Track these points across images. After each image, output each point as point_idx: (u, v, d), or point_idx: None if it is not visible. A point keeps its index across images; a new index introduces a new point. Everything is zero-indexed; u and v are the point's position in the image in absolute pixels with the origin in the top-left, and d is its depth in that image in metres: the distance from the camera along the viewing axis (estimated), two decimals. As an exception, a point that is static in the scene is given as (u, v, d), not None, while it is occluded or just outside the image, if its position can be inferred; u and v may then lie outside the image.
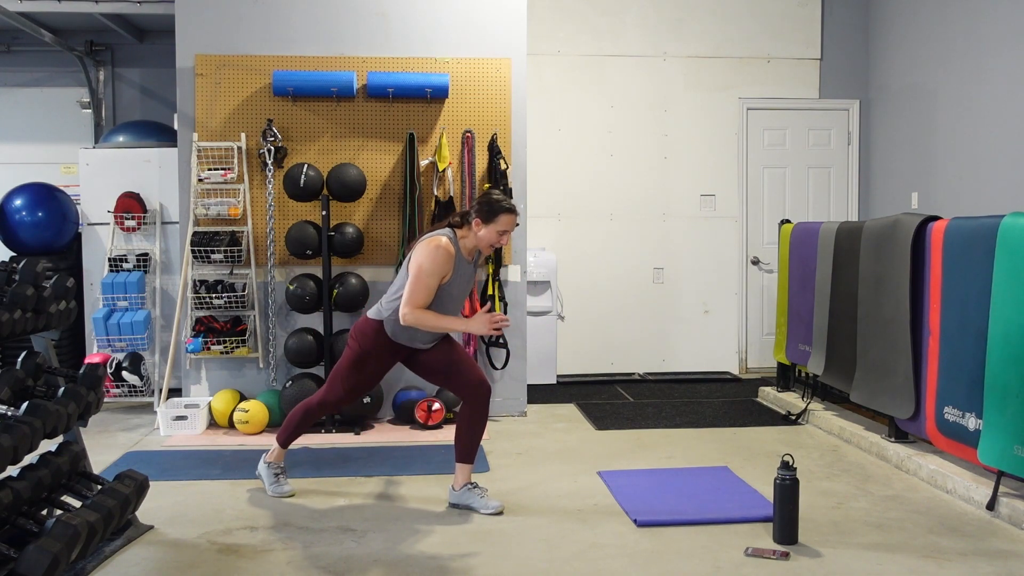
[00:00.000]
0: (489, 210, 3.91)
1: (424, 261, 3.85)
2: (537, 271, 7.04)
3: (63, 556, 2.81)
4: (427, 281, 3.85)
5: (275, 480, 4.30)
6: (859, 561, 3.44)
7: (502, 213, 3.91)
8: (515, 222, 3.97)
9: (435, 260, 3.85)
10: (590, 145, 7.55)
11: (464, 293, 4.06)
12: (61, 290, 3.70)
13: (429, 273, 3.84)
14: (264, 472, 4.34)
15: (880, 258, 4.94)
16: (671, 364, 7.67)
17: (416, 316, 3.84)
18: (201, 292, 5.74)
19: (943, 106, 6.73)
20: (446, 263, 3.87)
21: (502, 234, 3.94)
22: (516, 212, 3.97)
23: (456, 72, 5.93)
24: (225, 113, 5.82)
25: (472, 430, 4.06)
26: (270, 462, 4.34)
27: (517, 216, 3.98)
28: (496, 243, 3.97)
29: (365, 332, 4.05)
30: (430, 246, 3.87)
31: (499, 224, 3.91)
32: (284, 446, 4.33)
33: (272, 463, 4.33)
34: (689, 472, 4.64)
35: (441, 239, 3.89)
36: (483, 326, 3.86)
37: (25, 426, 3.05)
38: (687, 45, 7.60)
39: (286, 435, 4.30)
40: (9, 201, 6.45)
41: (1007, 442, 3.72)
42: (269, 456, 4.35)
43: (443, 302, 3.94)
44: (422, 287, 3.85)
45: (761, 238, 7.78)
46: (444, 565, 3.42)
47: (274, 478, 4.31)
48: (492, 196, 3.97)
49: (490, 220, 3.91)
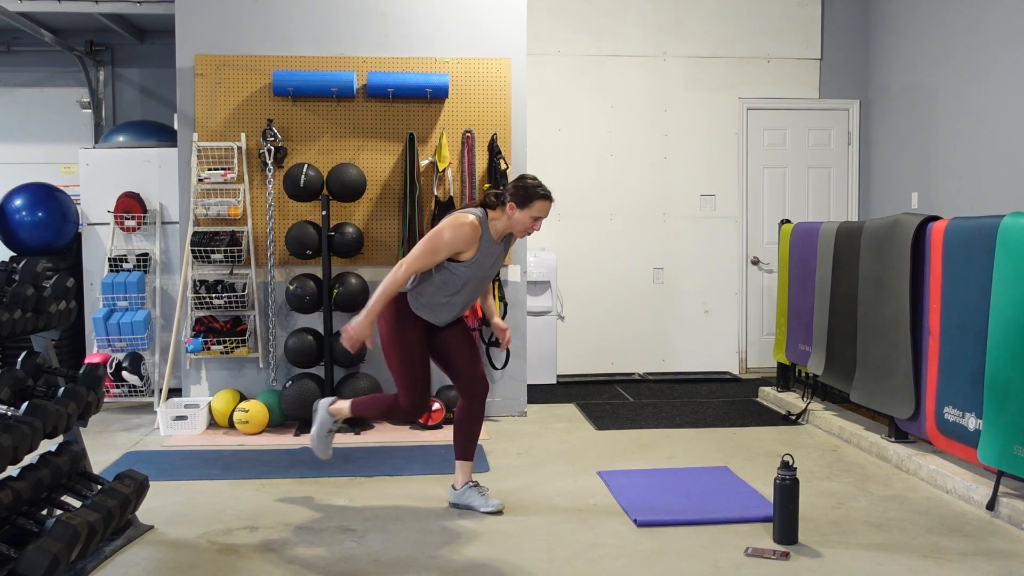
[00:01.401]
0: (524, 195, 3.84)
1: (445, 231, 3.79)
2: (537, 271, 7.04)
3: (63, 556, 2.80)
4: (438, 247, 3.79)
5: (326, 435, 4.15)
6: (859, 561, 3.44)
7: (537, 199, 3.85)
8: (550, 208, 3.90)
9: (455, 234, 3.79)
10: (590, 145, 7.55)
11: (490, 275, 4.01)
12: (61, 290, 3.70)
13: (444, 243, 3.79)
14: (323, 415, 4.15)
15: (880, 258, 4.94)
16: (671, 364, 7.67)
17: (398, 275, 3.77)
18: (201, 292, 5.74)
19: (943, 106, 6.73)
20: (466, 241, 3.81)
21: (536, 220, 3.87)
22: (551, 198, 3.89)
23: (456, 72, 5.93)
24: (225, 113, 5.82)
25: (469, 426, 4.06)
26: (333, 412, 4.15)
27: (552, 202, 3.90)
28: (530, 229, 3.90)
29: (390, 306, 3.92)
30: (456, 222, 3.82)
31: (534, 210, 3.85)
32: (352, 413, 4.14)
33: (335, 415, 4.15)
34: (689, 472, 4.64)
35: (469, 216, 3.84)
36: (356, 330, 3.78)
37: (25, 426, 3.05)
38: (687, 45, 7.60)
39: (362, 411, 4.14)
40: (9, 201, 6.45)
41: (1007, 442, 3.72)
42: (334, 407, 4.16)
43: (470, 282, 3.90)
44: (431, 250, 3.79)
45: (761, 238, 7.78)
46: (444, 565, 3.42)
47: (326, 432, 4.15)
48: (527, 181, 3.89)
49: (525, 205, 3.84)
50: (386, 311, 3.95)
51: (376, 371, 5.81)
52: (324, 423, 4.17)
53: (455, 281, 3.88)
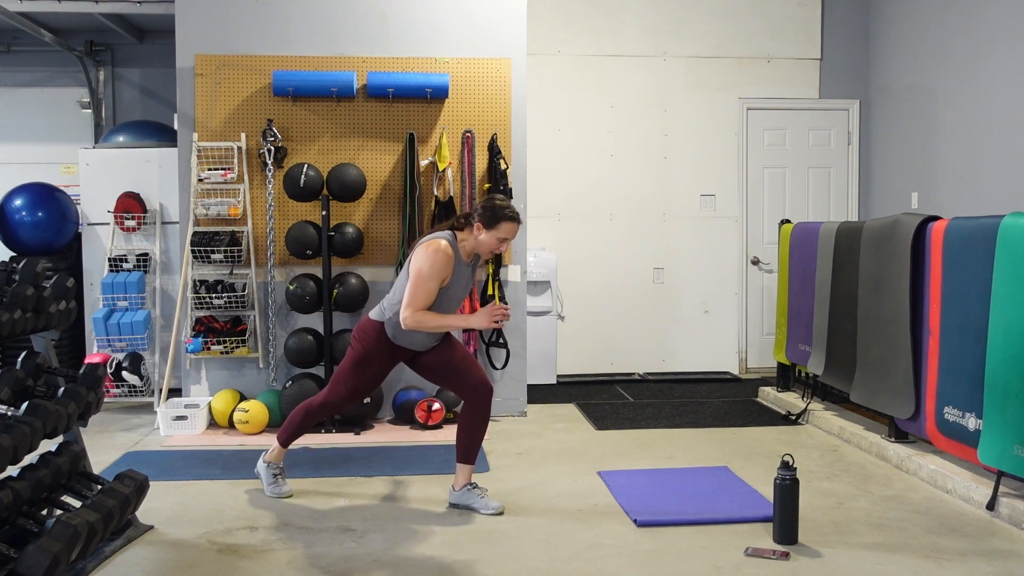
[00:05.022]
0: (492, 216, 3.88)
1: (424, 265, 3.84)
2: (537, 271, 7.04)
3: (63, 556, 2.80)
4: (427, 285, 3.84)
5: (273, 480, 4.29)
6: (859, 561, 3.44)
7: (504, 220, 3.88)
8: (516, 230, 3.93)
9: (434, 264, 3.83)
10: (590, 145, 7.55)
11: (462, 296, 4.06)
12: (61, 290, 3.70)
13: (429, 277, 3.83)
14: (263, 471, 4.33)
15: (880, 258, 4.94)
16: (671, 364, 7.67)
17: (417, 319, 3.84)
18: (201, 292, 5.74)
19: (943, 106, 6.73)
20: (445, 266, 3.86)
21: (502, 241, 3.91)
22: (518, 220, 3.93)
23: (456, 72, 5.93)
24: (225, 113, 5.82)
25: (473, 431, 4.06)
26: (269, 462, 4.32)
27: (519, 224, 3.93)
28: (496, 249, 3.95)
29: (367, 333, 4.05)
30: (429, 249, 3.86)
31: (500, 231, 3.88)
32: (284, 446, 4.32)
33: (271, 463, 4.32)
34: (689, 472, 4.64)
35: (440, 242, 3.87)
36: (484, 319, 3.86)
37: (25, 426, 3.05)
38: (687, 45, 7.60)
39: (287, 435, 4.29)
40: (9, 201, 6.45)
41: (1007, 442, 3.72)
42: (268, 455, 4.34)
43: (441, 305, 3.94)
44: (422, 291, 3.84)
45: (761, 238, 7.78)
46: (444, 565, 3.42)
47: (272, 478, 4.30)
48: (496, 202, 3.93)
49: (492, 226, 3.88)
50: (365, 335, 4.05)
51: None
52: (267, 475, 4.32)
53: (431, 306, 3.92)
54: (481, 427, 4.07)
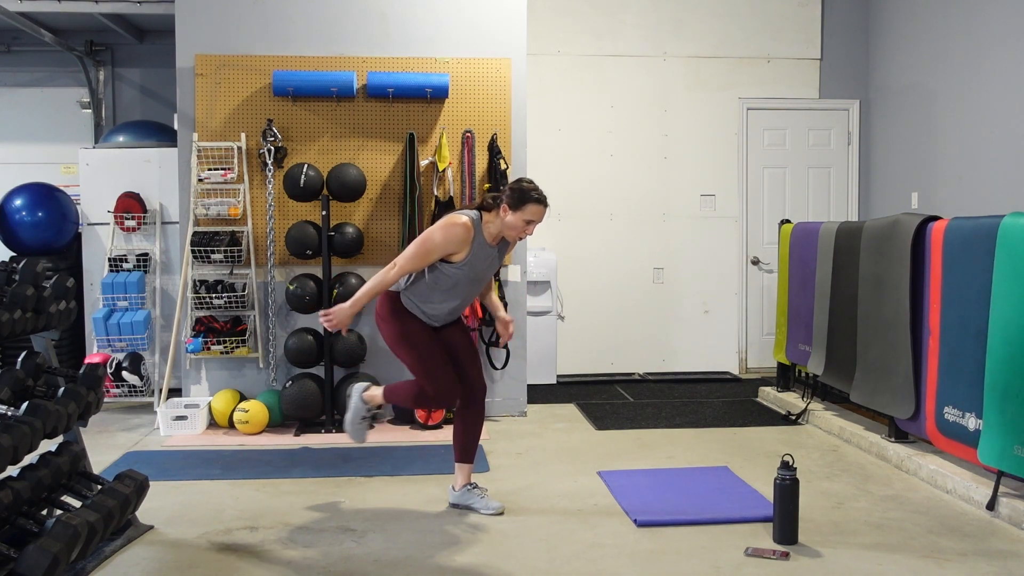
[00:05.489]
0: (518, 198, 3.83)
1: (437, 232, 3.80)
2: (537, 271, 7.04)
3: (63, 556, 2.81)
4: (430, 249, 3.79)
5: (360, 421, 4.12)
6: (859, 561, 3.44)
7: (530, 202, 3.83)
8: (543, 213, 3.88)
9: (447, 235, 3.78)
10: (590, 145, 7.55)
11: (484, 278, 4.00)
12: (61, 290, 3.70)
13: (436, 245, 3.78)
14: (355, 403, 4.13)
15: (880, 258, 4.94)
16: (671, 364, 7.67)
17: (389, 275, 3.78)
18: (201, 292, 5.74)
19: (943, 106, 6.73)
20: (459, 242, 3.80)
21: (528, 223, 3.85)
22: (546, 203, 3.88)
23: (456, 72, 5.93)
24: (225, 113, 5.82)
25: (469, 430, 4.05)
26: (366, 399, 4.13)
27: (546, 207, 3.89)
28: (522, 232, 3.88)
29: (385, 305, 3.94)
30: (448, 222, 3.82)
31: (526, 213, 3.83)
32: (384, 400, 4.12)
33: (368, 400, 4.13)
34: (689, 472, 4.64)
35: (462, 217, 3.84)
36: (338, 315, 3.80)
37: (25, 426, 3.05)
38: (687, 45, 7.60)
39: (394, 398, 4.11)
40: (9, 201, 6.45)
41: (1007, 442, 3.72)
42: (368, 393, 4.13)
43: (459, 283, 3.89)
44: (423, 252, 3.79)
45: (761, 238, 7.78)
46: (444, 565, 3.42)
47: (360, 420, 4.13)
48: (523, 184, 3.89)
49: (518, 208, 3.83)
50: (384, 312, 3.95)
51: (376, 371, 5.81)
52: (358, 410, 4.14)
53: (446, 281, 3.87)
54: (476, 425, 4.06)
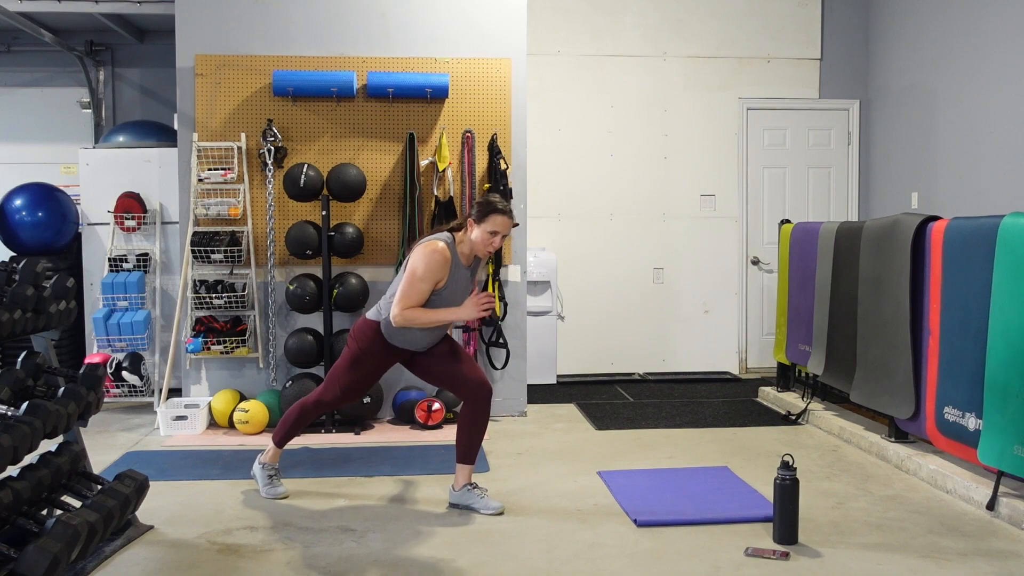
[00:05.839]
0: (482, 211, 3.91)
1: (419, 265, 3.85)
2: (537, 271, 7.04)
3: (63, 556, 2.80)
4: (419, 286, 3.86)
5: (268, 482, 4.28)
6: (859, 561, 3.44)
7: (493, 213, 3.89)
8: (509, 225, 3.93)
9: (429, 265, 3.84)
10: (590, 145, 7.55)
11: (461, 299, 4.03)
12: (61, 290, 3.70)
13: (422, 278, 3.85)
14: (258, 473, 4.31)
15: (880, 258, 4.94)
16: (671, 364, 7.67)
17: (406, 316, 3.86)
18: (201, 292, 5.74)
19: (943, 106, 6.73)
20: (441, 269, 3.87)
21: (493, 235, 3.91)
22: (509, 214, 3.93)
23: (456, 72, 5.93)
24: (225, 113, 5.82)
25: (473, 431, 4.06)
26: (264, 463, 4.31)
27: (511, 220, 3.94)
28: (488, 244, 3.93)
29: (364, 332, 4.06)
30: (426, 250, 3.87)
31: (489, 224, 3.89)
32: (280, 446, 4.31)
33: (267, 464, 4.30)
34: (689, 472, 4.64)
35: (438, 243, 3.89)
36: (472, 310, 3.88)
37: (25, 426, 3.05)
38: (687, 45, 7.60)
39: (281, 434, 4.27)
40: (9, 201, 6.45)
41: (1007, 442, 3.72)
42: (264, 456, 4.33)
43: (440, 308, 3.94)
44: (414, 292, 3.86)
45: (761, 238, 7.78)
46: (444, 565, 3.42)
47: (268, 479, 4.28)
48: (489, 197, 3.99)
49: (482, 220, 3.90)
50: (361, 337, 4.05)
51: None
52: (262, 476, 4.30)
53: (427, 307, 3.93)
54: (480, 427, 4.07)
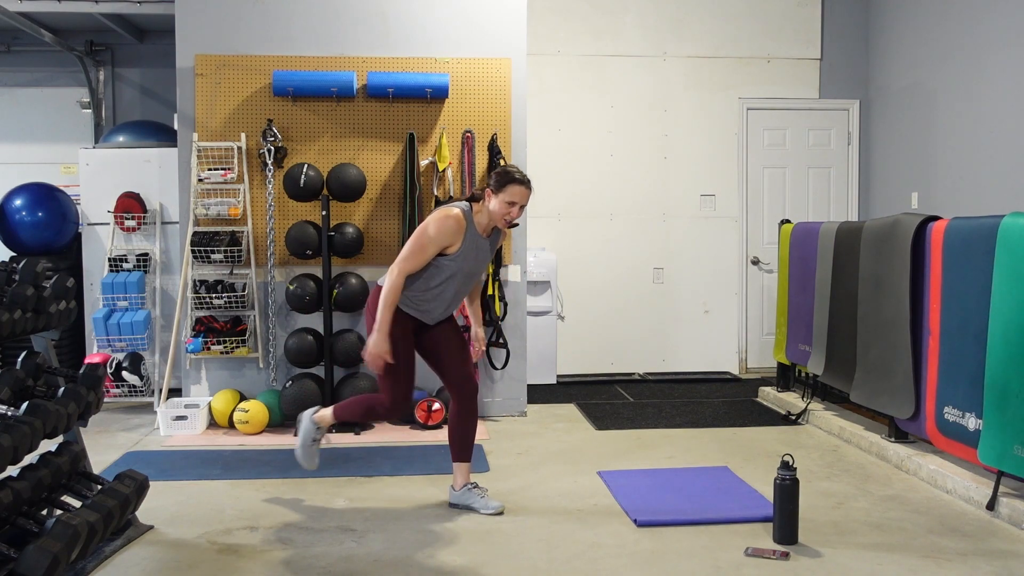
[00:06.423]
0: (500, 180, 3.87)
1: (430, 225, 3.82)
2: (537, 271, 7.04)
3: (63, 556, 2.80)
4: (425, 244, 3.81)
5: (311, 444, 4.14)
6: (859, 561, 3.44)
7: (511, 183, 3.85)
8: (527, 195, 3.89)
9: (440, 228, 3.81)
10: (590, 145, 7.55)
11: (478, 271, 4.01)
12: (61, 290, 3.70)
13: (430, 240, 3.81)
14: (306, 428, 4.15)
15: (880, 258, 4.94)
16: (671, 364, 7.67)
17: (394, 281, 3.79)
18: (201, 292, 5.74)
19: (943, 106, 6.73)
20: (453, 235, 3.83)
21: (511, 205, 3.86)
22: (527, 184, 3.89)
23: (456, 72, 5.93)
24: (225, 113, 5.82)
25: (463, 428, 4.05)
26: (316, 420, 4.15)
27: (529, 190, 3.90)
28: (505, 214, 3.87)
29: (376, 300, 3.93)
30: (440, 215, 3.85)
31: (507, 194, 3.85)
32: (334, 419, 4.14)
33: (318, 422, 4.15)
34: (689, 472, 4.64)
35: (453, 210, 3.87)
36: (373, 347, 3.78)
37: (25, 426, 3.05)
38: (687, 45, 7.60)
39: (344, 415, 4.12)
40: (9, 201, 6.45)
41: (1007, 442, 3.72)
42: (317, 415, 4.16)
43: (454, 276, 3.90)
44: (418, 249, 3.81)
45: (761, 238, 7.78)
46: (444, 565, 3.42)
47: (312, 441, 4.14)
48: (506, 167, 3.94)
49: (500, 189, 3.86)
50: (374, 306, 3.93)
51: (376, 371, 5.81)
52: (308, 433, 4.17)
53: (440, 275, 3.89)
54: (470, 423, 4.05)
